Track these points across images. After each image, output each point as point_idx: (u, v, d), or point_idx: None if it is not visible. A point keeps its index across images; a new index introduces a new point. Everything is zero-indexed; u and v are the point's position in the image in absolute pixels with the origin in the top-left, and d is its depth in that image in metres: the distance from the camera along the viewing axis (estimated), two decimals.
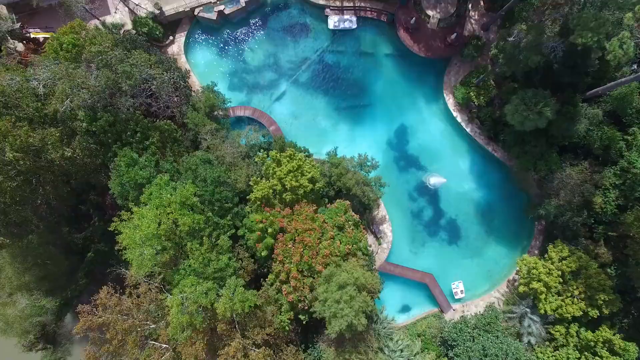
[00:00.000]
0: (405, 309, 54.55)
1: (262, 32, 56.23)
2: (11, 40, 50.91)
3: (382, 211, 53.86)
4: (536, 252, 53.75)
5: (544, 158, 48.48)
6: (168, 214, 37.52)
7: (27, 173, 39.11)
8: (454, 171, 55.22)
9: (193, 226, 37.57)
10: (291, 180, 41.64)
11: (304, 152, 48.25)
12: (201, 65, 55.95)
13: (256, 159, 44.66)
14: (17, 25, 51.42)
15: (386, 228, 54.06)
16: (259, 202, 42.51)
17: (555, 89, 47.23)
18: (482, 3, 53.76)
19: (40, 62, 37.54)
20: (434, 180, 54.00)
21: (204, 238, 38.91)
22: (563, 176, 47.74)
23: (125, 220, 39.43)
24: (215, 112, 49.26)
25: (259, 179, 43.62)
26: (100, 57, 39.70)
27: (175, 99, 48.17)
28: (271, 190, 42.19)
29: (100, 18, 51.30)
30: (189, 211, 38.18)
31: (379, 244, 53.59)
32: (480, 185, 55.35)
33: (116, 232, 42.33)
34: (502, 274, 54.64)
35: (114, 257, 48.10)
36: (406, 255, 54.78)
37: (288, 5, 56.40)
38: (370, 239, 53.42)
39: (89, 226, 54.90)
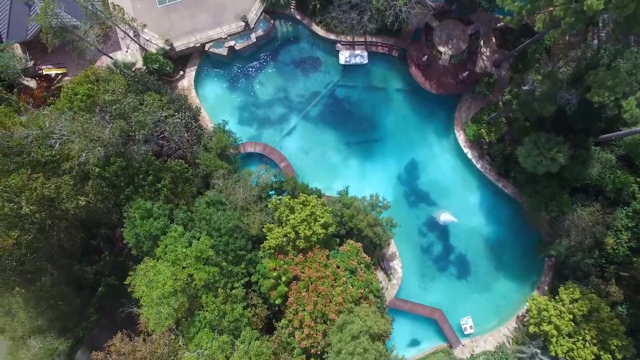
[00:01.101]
0: (414, 343, 54.76)
1: (272, 65, 56.08)
2: (25, 78, 50.92)
3: (392, 247, 53.96)
4: (546, 287, 53.92)
5: (555, 199, 48.48)
6: (183, 268, 37.59)
7: (42, 224, 39.15)
8: (464, 206, 55.27)
9: (208, 279, 37.66)
10: (305, 229, 41.69)
11: (316, 194, 48.21)
12: (211, 99, 55.88)
13: (269, 205, 44.68)
14: (31, 63, 51.41)
15: (396, 264, 54.19)
16: (272, 250, 42.59)
17: (568, 131, 47.15)
18: (493, 39, 53.56)
19: (56, 116, 37.34)
20: (444, 217, 54.05)
21: (219, 289, 39.02)
22: (574, 217, 47.76)
23: (142, 264, 39.61)
24: (227, 152, 49.20)
25: (272, 225, 43.66)
26: (114, 106, 39.64)
27: (187, 139, 48.13)
28: (285, 239, 42.25)
29: (111, 56, 51.18)
30: (203, 264, 38.25)
31: (389, 280, 53.73)
32: (490, 220, 55.40)
33: (128, 272, 42.80)
34: (512, 309, 54.80)
35: (125, 293, 48.32)
36: (415, 290, 54.94)
37: (299, 39, 56.21)
38: (380, 275, 53.55)
39: (100, 260, 55.02)
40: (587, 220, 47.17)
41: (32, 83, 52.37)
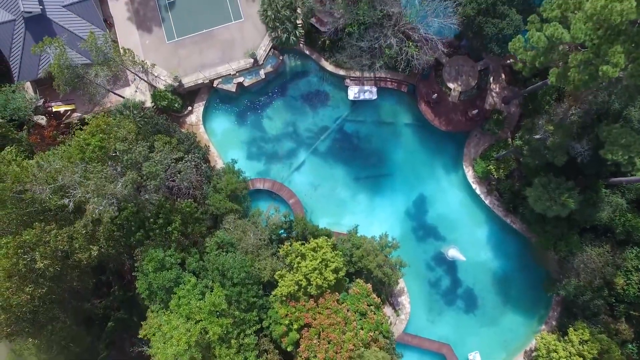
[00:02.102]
0: None
1: (281, 99, 56.00)
2: (35, 116, 50.87)
3: (400, 283, 54.13)
4: (554, 322, 54.17)
5: (564, 239, 48.62)
6: (197, 322, 37.79)
7: (56, 275, 39.30)
8: (471, 240, 55.40)
9: (222, 332, 37.88)
10: (316, 278, 41.89)
11: (325, 235, 48.32)
12: (219, 134, 55.85)
13: (280, 252, 44.85)
14: (40, 101, 51.39)
15: (404, 299, 54.44)
16: (284, 297, 42.79)
17: (577, 172, 47.15)
18: (503, 76, 53.39)
19: (70, 170, 37.27)
20: (452, 253, 54.19)
21: (231, 341, 39.25)
22: (584, 258, 47.95)
23: (153, 314, 39.80)
24: (237, 193, 49.22)
25: (284, 272, 43.84)
26: (126, 156, 39.65)
27: (196, 180, 48.15)
28: (296, 286, 42.44)
29: (121, 94, 51.09)
30: (217, 317, 38.44)
31: (397, 315, 54.00)
32: (498, 255, 55.58)
33: (137, 306, 42.82)
34: (519, 343, 55.07)
35: (135, 326, 48.65)
36: (423, 324, 55.23)
37: (307, 73, 56.06)
38: (388, 310, 53.79)
39: (109, 294, 55.25)
40: (596, 261, 47.36)
41: (42, 120, 52.33)
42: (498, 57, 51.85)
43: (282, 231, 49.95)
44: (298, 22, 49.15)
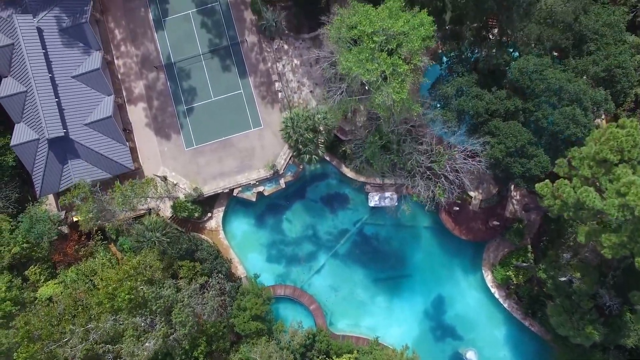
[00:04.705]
0: None
1: (300, 202, 55.93)
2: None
3: None
4: None
5: (586, 356, 49.15)
6: None
7: None
8: (489, 341, 55.93)
9: None
10: None
11: (348, 351, 48.85)
12: (239, 237, 55.89)
13: None
14: (62, 214, 51.31)
15: None
16: None
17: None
18: None
19: (101, 328, 37.55)
20: (470, 356, 54.82)
21: None
22: None
23: None
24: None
25: None
26: (155, 305, 39.89)
27: (221, 303, 48.36)
28: None
29: (142, 214, 50.94)
30: None
31: None
32: (515, 355, 56.14)
33: None
34: None
35: None
36: None
37: (327, 176, 55.86)
38: None
39: None
40: None
41: (64, 228, 52.19)
42: None
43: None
44: (320, 141, 48.79)
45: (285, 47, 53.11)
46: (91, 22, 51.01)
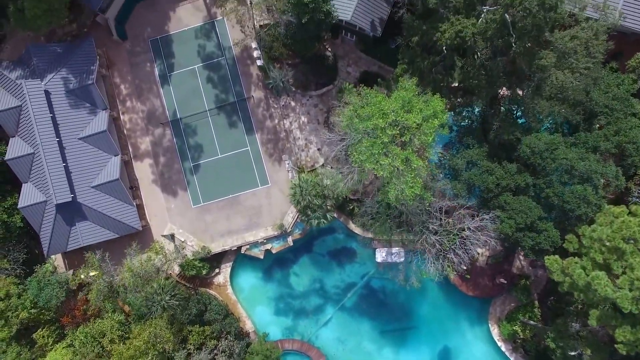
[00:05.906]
0: None
1: (307, 257, 55.99)
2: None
3: None
4: None
5: None
6: None
7: None
8: None
9: None
10: None
11: None
12: (246, 291, 56.03)
13: None
14: (70, 273, 51.33)
15: None
16: None
17: None
18: None
19: None
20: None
21: None
22: None
23: None
24: None
25: None
26: None
27: None
28: None
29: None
30: None
31: None
32: None
33: None
34: None
35: None
36: None
37: (334, 231, 55.82)
38: None
39: None
40: None
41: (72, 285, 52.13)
42: None
43: None
44: (329, 206, 48.70)
45: (293, 104, 52.81)
46: (97, 78, 50.59)
